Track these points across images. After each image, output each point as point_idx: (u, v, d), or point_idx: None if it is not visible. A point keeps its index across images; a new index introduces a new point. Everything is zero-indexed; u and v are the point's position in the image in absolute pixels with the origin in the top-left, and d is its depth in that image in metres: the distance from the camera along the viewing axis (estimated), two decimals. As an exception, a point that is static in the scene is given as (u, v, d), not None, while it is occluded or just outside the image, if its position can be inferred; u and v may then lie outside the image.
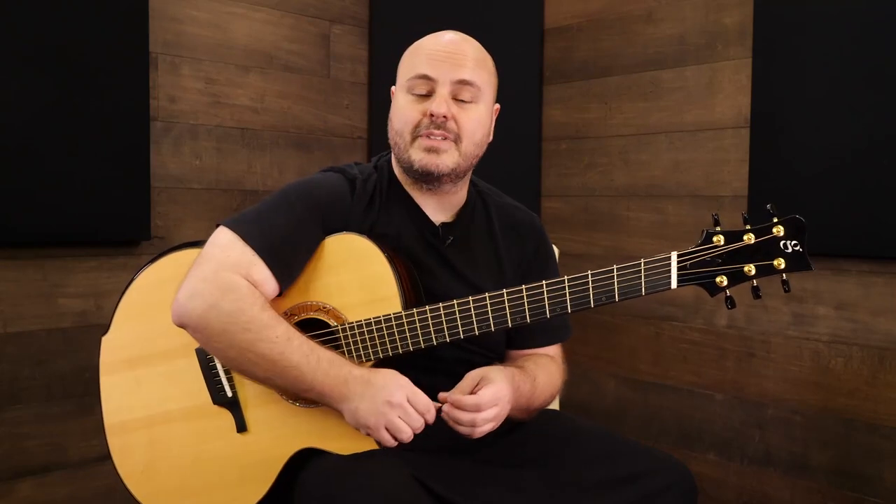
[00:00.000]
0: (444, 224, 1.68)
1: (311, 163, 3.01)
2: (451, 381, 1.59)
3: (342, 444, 1.48)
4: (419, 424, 1.44)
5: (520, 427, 1.69)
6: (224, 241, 1.51)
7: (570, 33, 3.10)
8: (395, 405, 1.42)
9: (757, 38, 2.58)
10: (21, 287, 2.42)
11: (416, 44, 1.67)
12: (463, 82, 1.59)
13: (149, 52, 2.59)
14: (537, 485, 1.49)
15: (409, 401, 1.43)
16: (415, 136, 1.60)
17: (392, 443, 1.43)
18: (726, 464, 2.71)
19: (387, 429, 1.42)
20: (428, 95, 1.60)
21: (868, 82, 2.34)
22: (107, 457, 1.62)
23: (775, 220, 1.38)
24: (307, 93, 3.02)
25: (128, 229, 2.58)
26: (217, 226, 1.55)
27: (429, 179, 1.62)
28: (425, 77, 1.59)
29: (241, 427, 1.55)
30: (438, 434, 1.56)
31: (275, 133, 2.94)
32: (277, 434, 1.53)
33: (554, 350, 1.78)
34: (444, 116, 1.57)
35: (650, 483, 1.50)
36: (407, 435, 1.42)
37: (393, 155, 1.69)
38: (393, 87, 1.69)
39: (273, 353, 1.43)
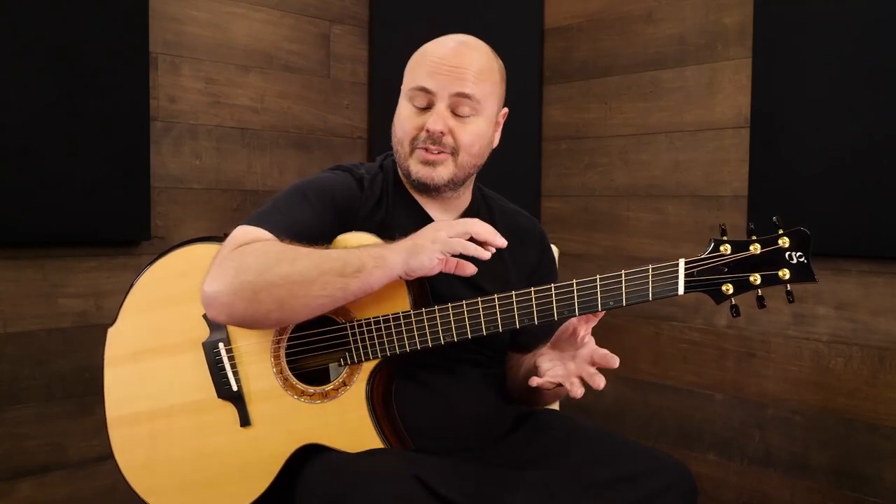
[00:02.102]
0: None
1: (311, 163, 3.02)
2: (455, 380, 1.60)
3: (346, 440, 1.48)
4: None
5: (520, 427, 1.70)
6: (241, 231, 1.51)
7: (570, 33, 3.11)
8: (450, 224, 1.45)
9: (757, 38, 2.58)
10: (21, 287, 2.42)
11: (422, 49, 1.66)
12: (462, 95, 1.58)
13: (149, 52, 2.59)
14: (537, 485, 1.49)
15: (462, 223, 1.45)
16: (413, 148, 1.61)
17: (483, 253, 1.44)
18: (726, 464, 2.71)
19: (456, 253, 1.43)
20: (427, 108, 1.60)
21: (868, 82, 2.34)
22: (107, 457, 1.62)
23: (781, 231, 1.40)
24: (307, 93, 3.02)
25: (128, 229, 2.58)
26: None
27: (426, 190, 1.63)
28: (424, 90, 1.59)
29: (245, 421, 1.54)
30: (441, 435, 1.57)
31: (275, 133, 2.95)
32: (281, 429, 1.52)
33: None
34: (441, 132, 1.58)
35: (650, 483, 1.50)
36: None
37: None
38: (402, 86, 1.70)
39: (313, 260, 1.42)
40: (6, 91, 2.31)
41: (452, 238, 1.42)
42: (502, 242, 1.45)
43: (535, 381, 1.48)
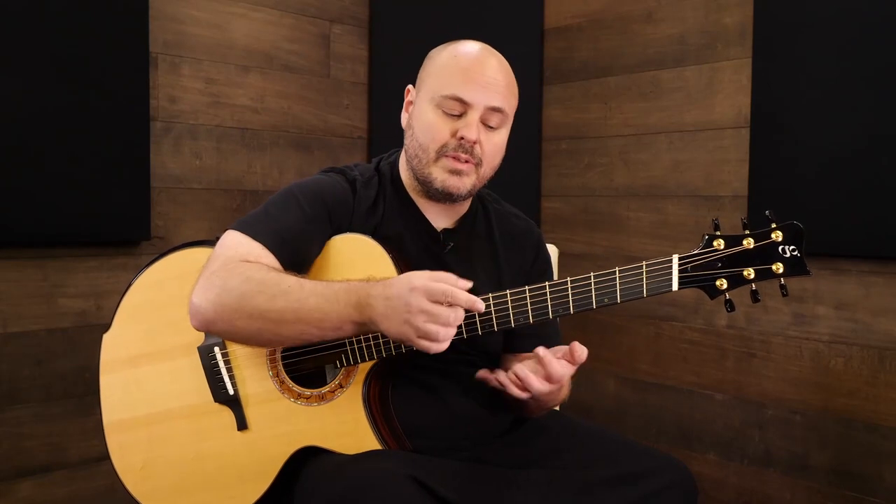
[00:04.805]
0: (445, 230, 1.68)
1: (311, 163, 3.02)
2: (449, 381, 1.61)
3: (343, 442, 1.48)
4: (451, 317, 1.35)
5: (520, 428, 1.70)
6: (232, 241, 1.51)
7: (570, 33, 3.11)
8: (414, 313, 1.35)
9: (757, 38, 2.58)
10: (21, 287, 2.42)
11: (448, 55, 1.64)
12: (494, 109, 1.59)
13: (149, 52, 2.60)
14: (536, 485, 1.49)
15: (429, 299, 1.35)
16: (440, 155, 1.60)
17: (435, 348, 1.36)
18: (726, 464, 2.71)
19: (422, 337, 1.36)
20: (458, 116, 1.59)
21: (868, 82, 2.34)
22: (107, 456, 1.62)
23: (774, 225, 1.40)
24: (307, 93, 3.02)
25: (128, 229, 2.58)
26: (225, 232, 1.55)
27: (447, 198, 1.63)
28: (460, 100, 1.58)
29: (242, 425, 1.55)
30: (438, 435, 1.57)
31: (275, 133, 2.95)
32: (278, 432, 1.53)
33: None
34: (474, 142, 1.58)
35: (650, 483, 1.50)
36: (442, 336, 1.35)
37: (404, 161, 1.69)
38: (409, 87, 1.69)
39: (291, 304, 1.40)
40: (6, 91, 2.31)
41: (417, 342, 1.36)
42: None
43: (480, 374, 1.51)
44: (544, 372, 1.44)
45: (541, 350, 1.44)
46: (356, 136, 3.17)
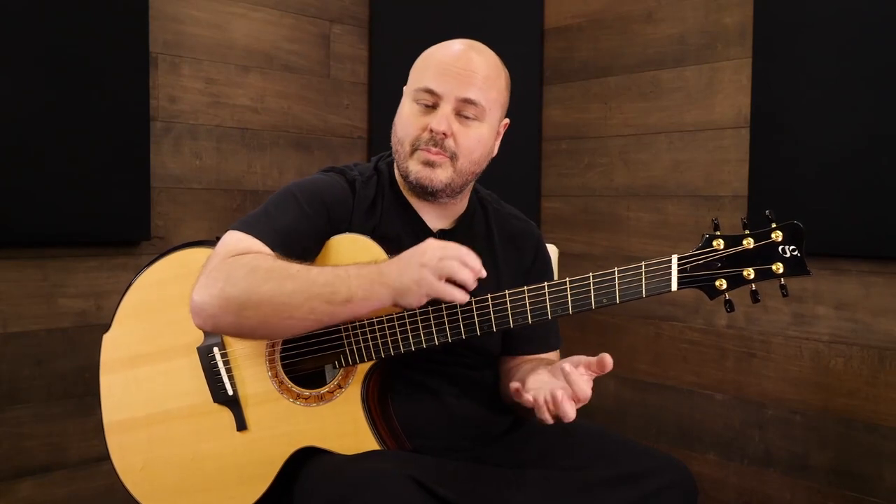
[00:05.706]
0: (442, 231, 1.68)
1: (311, 163, 3.02)
2: (448, 382, 1.61)
3: (342, 442, 1.48)
4: (463, 252, 1.41)
5: (520, 427, 1.70)
6: (232, 239, 1.51)
7: (570, 33, 3.11)
8: (429, 256, 1.40)
9: (757, 38, 2.58)
10: (21, 287, 2.42)
11: (429, 51, 1.65)
12: (467, 101, 1.58)
13: (149, 52, 2.60)
14: (536, 485, 1.49)
15: (442, 247, 1.41)
16: (414, 149, 1.60)
17: (458, 295, 1.40)
18: (726, 464, 2.71)
19: (443, 280, 1.39)
20: (432, 108, 1.59)
21: (868, 82, 2.34)
22: (107, 457, 1.62)
23: (774, 225, 1.39)
24: (307, 93, 3.02)
25: (128, 229, 2.58)
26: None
27: (423, 192, 1.62)
28: (430, 91, 1.58)
29: (241, 425, 1.55)
30: (437, 435, 1.57)
31: (275, 133, 2.95)
32: (277, 433, 1.53)
33: (554, 356, 1.78)
34: (444, 134, 1.57)
35: (650, 483, 1.49)
36: (457, 270, 1.39)
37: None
38: (405, 87, 1.70)
39: (300, 284, 1.41)
40: (6, 91, 2.31)
41: (438, 284, 1.40)
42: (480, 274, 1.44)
43: (514, 385, 1.48)
44: (571, 391, 1.38)
45: (567, 366, 1.38)
46: (356, 136, 3.17)
